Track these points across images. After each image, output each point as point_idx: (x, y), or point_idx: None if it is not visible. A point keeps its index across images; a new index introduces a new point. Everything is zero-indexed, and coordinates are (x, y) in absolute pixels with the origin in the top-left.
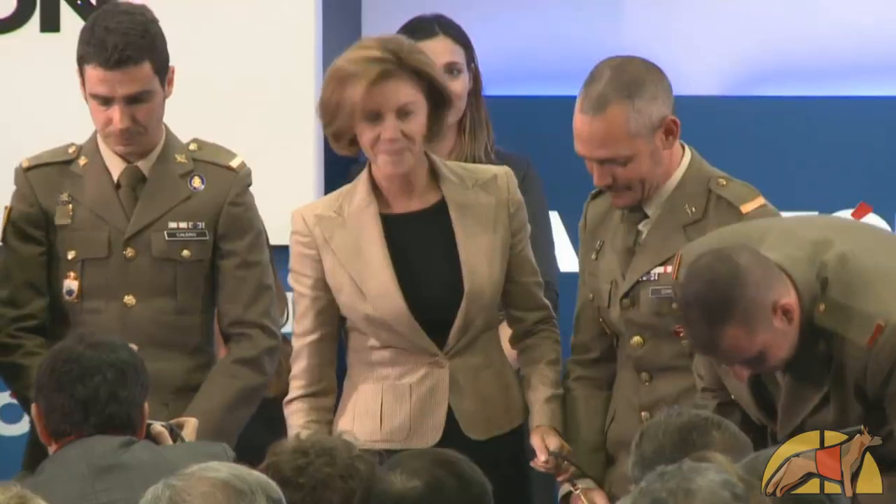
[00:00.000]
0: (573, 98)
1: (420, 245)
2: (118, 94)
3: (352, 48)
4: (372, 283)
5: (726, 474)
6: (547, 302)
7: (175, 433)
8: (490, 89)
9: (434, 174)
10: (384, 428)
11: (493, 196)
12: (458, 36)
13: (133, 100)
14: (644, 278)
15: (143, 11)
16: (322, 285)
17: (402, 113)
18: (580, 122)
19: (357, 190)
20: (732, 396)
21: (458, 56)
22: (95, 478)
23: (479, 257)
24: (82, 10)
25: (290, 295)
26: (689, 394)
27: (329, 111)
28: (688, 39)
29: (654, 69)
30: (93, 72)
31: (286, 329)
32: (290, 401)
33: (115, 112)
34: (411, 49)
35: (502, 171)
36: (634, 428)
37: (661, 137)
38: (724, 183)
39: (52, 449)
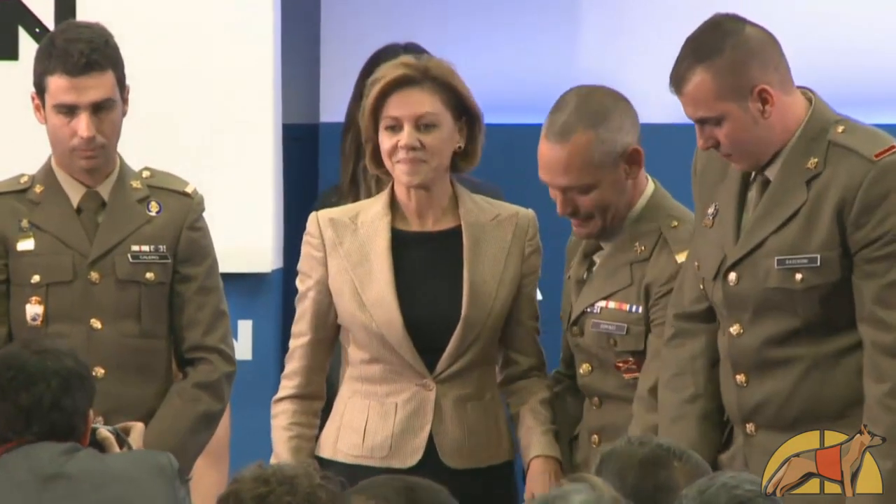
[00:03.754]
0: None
1: (426, 265)
2: (84, 102)
3: None
4: (371, 291)
5: None
6: (542, 349)
7: (122, 439)
8: None
9: (456, 201)
10: (366, 444)
11: (511, 234)
12: None
13: (98, 108)
14: (588, 309)
15: (102, 27)
16: (324, 289)
17: (422, 125)
18: (544, 148)
19: (376, 202)
20: (702, 281)
21: None
22: (41, 487)
23: (483, 286)
24: (40, 37)
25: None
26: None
27: (362, 120)
28: (653, 68)
29: (620, 99)
30: (58, 81)
31: None
32: (280, 399)
33: (81, 121)
34: (440, 64)
35: (524, 213)
36: (587, 450)
37: (625, 167)
38: (675, 225)
39: None
